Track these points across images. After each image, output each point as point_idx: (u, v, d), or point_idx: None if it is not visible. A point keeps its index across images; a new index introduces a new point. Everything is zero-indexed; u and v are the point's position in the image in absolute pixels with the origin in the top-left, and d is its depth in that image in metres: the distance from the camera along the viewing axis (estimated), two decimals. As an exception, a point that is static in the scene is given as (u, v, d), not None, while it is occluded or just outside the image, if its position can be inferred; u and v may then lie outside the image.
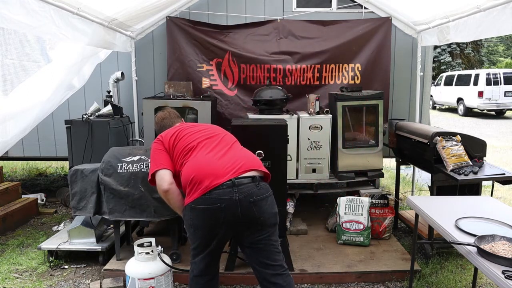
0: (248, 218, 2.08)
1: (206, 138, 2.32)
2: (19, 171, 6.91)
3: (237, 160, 2.17)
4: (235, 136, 2.51)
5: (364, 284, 3.13)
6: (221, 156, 2.20)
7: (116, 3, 3.48)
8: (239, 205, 2.04)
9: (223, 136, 2.38)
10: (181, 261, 3.27)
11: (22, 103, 3.27)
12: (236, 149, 2.31)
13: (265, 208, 2.12)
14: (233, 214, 2.05)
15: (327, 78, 4.66)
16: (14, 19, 2.47)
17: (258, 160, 2.29)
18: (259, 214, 2.10)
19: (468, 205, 2.55)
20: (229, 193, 2.03)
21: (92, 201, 3.13)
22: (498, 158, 7.65)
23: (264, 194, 2.13)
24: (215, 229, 2.10)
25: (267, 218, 2.14)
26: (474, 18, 3.42)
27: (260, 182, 2.15)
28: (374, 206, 3.74)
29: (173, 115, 2.71)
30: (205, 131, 2.40)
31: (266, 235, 2.15)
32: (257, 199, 2.09)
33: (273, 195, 2.21)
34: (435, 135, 3.33)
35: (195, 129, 2.42)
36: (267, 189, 2.18)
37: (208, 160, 2.16)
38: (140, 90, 4.65)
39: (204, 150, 2.23)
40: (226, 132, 2.48)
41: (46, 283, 3.16)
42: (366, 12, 4.67)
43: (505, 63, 24.58)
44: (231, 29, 4.59)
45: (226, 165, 2.13)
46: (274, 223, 2.19)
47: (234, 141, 2.39)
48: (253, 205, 2.07)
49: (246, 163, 2.17)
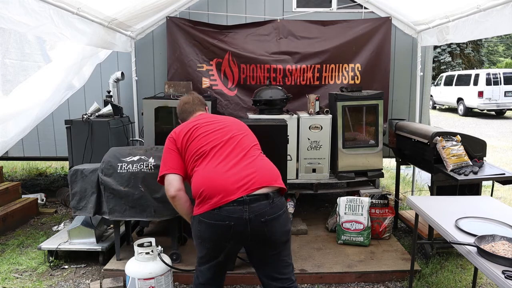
0: (258, 237, 1.99)
1: (220, 142, 2.13)
2: (19, 171, 6.91)
3: (251, 174, 2.00)
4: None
5: (364, 284, 3.13)
6: (233, 166, 2.03)
7: (116, 3, 3.48)
8: (249, 224, 1.93)
9: (240, 139, 2.17)
10: (181, 261, 3.27)
11: (22, 103, 3.27)
12: (251, 157, 2.10)
13: (276, 228, 2.00)
14: (242, 232, 1.95)
15: (327, 78, 4.66)
16: (13, 19, 2.47)
17: (274, 172, 2.10)
18: (270, 234, 1.99)
19: (468, 205, 2.55)
20: (240, 211, 1.91)
21: (92, 201, 3.13)
22: (498, 158, 7.65)
23: (277, 212, 1.99)
24: (223, 243, 2.01)
25: (278, 237, 2.03)
26: (474, 18, 3.42)
27: (275, 198, 1.99)
28: (374, 206, 3.74)
29: (196, 101, 2.52)
30: (222, 131, 2.20)
31: (277, 252, 2.06)
32: (269, 218, 1.95)
33: (287, 211, 2.09)
34: (435, 135, 3.33)
35: (212, 128, 2.22)
36: (281, 206, 2.03)
37: (219, 173, 2.01)
38: (140, 90, 4.65)
39: (216, 159, 2.07)
40: (245, 131, 2.28)
41: (46, 283, 3.16)
42: (366, 12, 4.67)
43: (505, 63, 24.57)
44: (231, 29, 4.59)
45: (238, 179, 1.97)
46: (286, 240, 2.08)
47: (251, 145, 2.19)
48: (265, 225, 1.95)
49: (260, 178, 2.00)
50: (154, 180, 3.03)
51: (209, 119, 2.34)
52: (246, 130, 2.30)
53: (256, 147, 2.21)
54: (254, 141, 2.24)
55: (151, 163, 3.05)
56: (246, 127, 2.34)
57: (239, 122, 2.37)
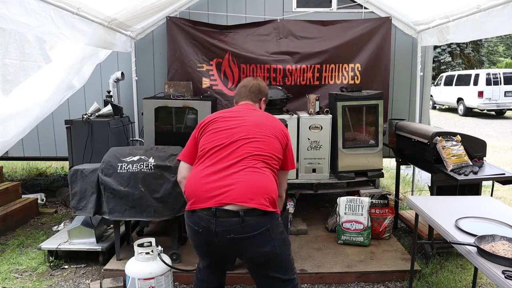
0: (228, 252, 1.94)
1: (221, 144, 2.00)
2: (19, 171, 6.91)
3: (228, 185, 1.85)
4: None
5: (364, 284, 3.13)
6: (216, 172, 1.91)
7: (116, 3, 3.48)
8: (216, 237, 1.84)
9: (242, 145, 1.97)
10: (181, 261, 3.27)
11: (22, 103, 3.27)
12: (239, 167, 1.91)
13: (249, 248, 1.86)
14: (210, 241, 1.88)
15: (327, 78, 4.66)
16: (13, 19, 2.47)
17: (256, 191, 1.85)
18: (242, 252, 1.91)
19: (468, 205, 2.55)
20: (207, 221, 1.83)
21: (92, 201, 3.13)
22: (498, 158, 7.65)
23: (249, 233, 1.81)
24: (200, 245, 1.99)
25: (255, 258, 1.90)
26: (474, 18, 3.42)
27: (246, 218, 1.79)
28: (374, 206, 3.74)
29: (253, 89, 2.31)
30: (230, 131, 2.03)
31: (261, 270, 1.94)
32: (237, 237, 1.81)
33: (269, 231, 1.85)
34: (435, 135, 3.33)
35: (224, 125, 2.08)
36: (256, 226, 1.82)
37: (201, 177, 1.93)
38: (140, 90, 4.65)
39: (208, 161, 1.98)
40: (259, 136, 2.01)
41: (46, 283, 3.16)
42: (366, 12, 4.66)
43: (505, 63, 24.58)
44: (231, 29, 4.59)
45: (213, 188, 1.86)
46: (267, 261, 1.90)
47: (250, 154, 1.94)
48: (233, 242, 1.83)
49: (234, 193, 1.82)
50: (154, 180, 3.04)
51: (235, 113, 2.17)
52: (260, 136, 2.02)
53: (256, 158, 1.94)
54: (259, 149, 1.97)
55: (151, 163, 3.05)
56: (269, 131, 2.05)
57: (263, 124, 2.08)
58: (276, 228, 1.90)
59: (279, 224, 1.93)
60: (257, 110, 2.27)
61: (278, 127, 2.12)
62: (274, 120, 2.17)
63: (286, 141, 2.12)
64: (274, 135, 2.06)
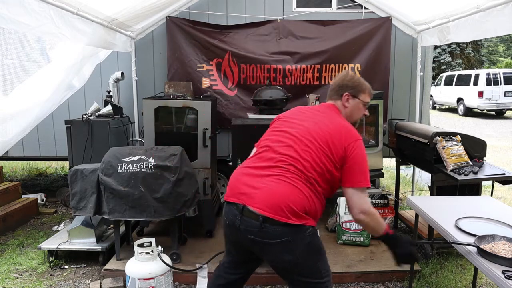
0: (249, 250, 1.93)
1: (268, 146, 1.96)
2: (19, 171, 6.91)
3: (256, 188, 1.84)
4: (235, 136, 2.37)
5: (364, 284, 3.13)
6: (252, 173, 1.92)
7: (116, 3, 3.48)
8: (239, 233, 1.86)
9: (285, 153, 1.89)
10: (181, 261, 3.27)
11: (22, 103, 3.27)
12: (271, 173, 1.86)
13: (268, 252, 1.85)
14: (235, 235, 1.91)
15: (327, 78, 4.66)
16: (13, 19, 2.47)
17: (280, 202, 1.77)
18: (262, 255, 1.90)
19: (468, 205, 2.55)
20: (234, 216, 1.86)
21: (92, 201, 3.13)
22: (498, 158, 7.65)
23: (268, 239, 1.79)
24: (227, 237, 2.03)
25: (273, 261, 1.89)
26: (474, 18, 3.42)
27: (267, 225, 1.76)
28: (374, 206, 3.70)
29: (333, 86, 2.14)
30: (284, 135, 1.97)
31: (281, 273, 1.94)
32: (257, 240, 1.81)
33: (289, 242, 1.78)
34: (435, 135, 3.33)
35: (283, 128, 2.01)
36: (276, 235, 1.77)
37: (240, 174, 1.96)
38: (140, 90, 4.65)
39: (252, 159, 2.00)
40: (303, 149, 1.88)
41: (46, 283, 3.16)
42: (366, 12, 4.66)
43: (505, 63, 24.58)
44: (231, 29, 4.59)
45: (244, 187, 1.88)
46: (286, 267, 1.86)
47: (286, 163, 1.86)
48: (254, 243, 1.83)
49: (257, 197, 1.81)
50: (154, 180, 3.04)
51: (302, 116, 2.05)
52: (308, 147, 1.88)
53: (292, 169, 1.84)
54: (300, 161, 1.85)
55: (151, 163, 3.05)
56: (323, 142, 1.88)
57: (319, 134, 1.90)
58: (300, 240, 1.81)
59: (306, 236, 1.82)
60: (326, 116, 2.03)
61: (339, 142, 1.90)
62: (337, 133, 1.92)
63: (343, 154, 1.88)
64: (327, 148, 1.88)
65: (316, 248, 1.92)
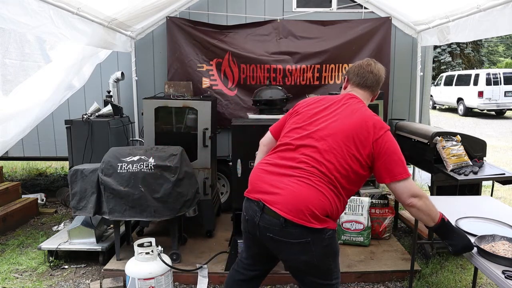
0: (267, 248, 1.91)
1: (291, 145, 1.93)
2: (19, 171, 6.91)
3: (279, 188, 1.82)
4: (235, 136, 2.35)
5: (364, 284, 3.13)
6: (275, 171, 1.90)
7: (116, 3, 3.48)
8: (258, 230, 1.86)
9: (309, 153, 1.85)
10: (181, 261, 3.27)
11: (22, 103, 3.27)
12: (294, 174, 1.83)
13: (286, 252, 1.84)
14: (254, 232, 1.90)
15: (327, 78, 4.66)
16: (13, 19, 2.47)
17: (302, 205, 1.75)
18: (278, 253, 1.89)
19: (468, 205, 2.55)
20: (254, 212, 1.86)
21: (92, 201, 3.13)
22: (498, 158, 7.65)
23: (287, 239, 1.78)
24: (245, 233, 2.02)
25: (289, 260, 1.88)
26: (474, 18, 3.43)
27: (288, 225, 1.75)
28: (374, 206, 3.74)
29: (380, 80, 2.11)
30: (308, 132, 1.92)
31: (294, 272, 1.94)
32: (276, 238, 1.80)
33: (308, 244, 1.77)
34: (435, 135, 3.33)
35: (307, 122, 1.96)
36: (297, 236, 1.76)
37: (262, 170, 1.95)
38: (140, 90, 4.65)
39: (275, 156, 1.97)
40: (328, 149, 1.83)
41: (46, 283, 3.16)
42: (366, 12, 4.66)
43: (505, 63, 24.58)
44: (231, 29, 4.59)
45: (267, 185, 1.86)
46: (301, 267, 1.86)
47: (309, 165, 1.82)
48: (272, 241, 1.83)
49: (279, 199, 1.78)
50: (154, 180, 3.04)
51: (322, 111, 1.97)
52: (334, 146, 1.83)
53: (315, 171, 1.81)
54: (323, 163, 1.82)
55: (151, 163, 3.05)
56: (350, 141, 1.82)
57: (347, 131, 1.84)
58: (319, 242, 1.80)
59: (325, 239, 1.80)
60: (359, 108, 1.95)
61: (366, 137, 1.83)
62: (364, 127, 1.84)
63: (373, 151, 1.81)
64: (353, 147, 1.82)
65: (333, 251, 1.90)
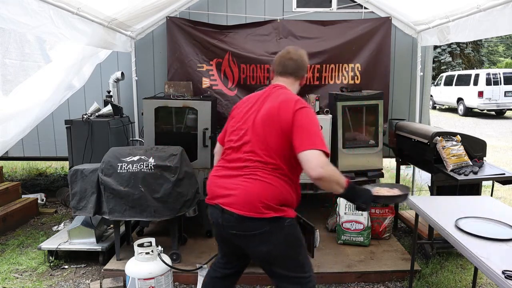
0: (235, 244, 2.04)
1: (232, 147, 2.06)
2: (19, 171, 6.91)
3: (231, 189, 1.94)
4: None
5: (364, 284, 3.13)
6: (224, 174, 2.03)
7: (116, 3, 3.48)
8: (223, 230, 1.99)
9: (247, 151, 1.98)
10: (181, 261, 3.27)
11: (22, 103, 3.27)
12: (242, 173, 1.95)
13: (250, 245, 1.96)
14: (221, 233, 2.05)
15: (327, 78, 4.66)
16: (13, 19, 2.47)
17: (255, 200, 1.86)
18: (244, 247, 2.00)
19: (468, 205, 2.54)
20: (217, 215, 1.98)
21: (92, 201, 3.13)
22: (498, 158, 7.65)
23: (248, 231, 1.90)
24: (216, 236, 2.19)
25: (256, 254, 2.00)
26: (474, 18, 3.42)
27: (246, 219, 1.86)
28: (374, 206, 3.74)
29: (302, 65, 2.22)
30: (242, 132, 2.04)
31: (264, 266, 2.04)
32: (239, 234, 1.93)
33: (267, 233, 1.87)
34: (435, 135, 3.33)
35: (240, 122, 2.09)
36: (255, 227, 1.88)
37: (215, 177, 2.08)
38: (140, 90, 4.65)
39: (222, 161, 2.10)
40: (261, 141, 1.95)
41: (46, 283, 3.16)
42: (366, 12, 4.66)
43: (505, 63, 24.57)
44: (231, 29, 4.59)
45: (221, 189, 1.99)
46: (267, 258, 1.97)
47: (252, 161, 1.95)
48: (236, 237, 1.96)
49: (234, 199, 1.90)
50: (154, 180, 3.04)
51: (248, 107, 2.10)
52: (265, 136, 1.95)
53: (258, 165, 1.93)
54: (261, 154, 1.94)
55: (151, 163, 3.05)
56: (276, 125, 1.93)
57: (271, 117, 1.96)
58: (279, 231, 1.90)
59: (285, 227, 1.91)
60: (281, 93, 2.07)
61: (286, 114, 1.93)
62: (284, 105, 1.96)
63: (292, 126, 1.90)
64: (280, 129, 1.92)
65: (296, 240, 1.99)
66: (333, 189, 1.89)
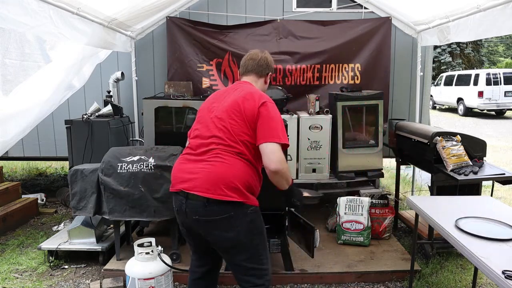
0: (197, 233, 2.04)
1: (197, 135, 2.11)
2: (19, 171, 6.91)
3: (195, 173, 1.96)
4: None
5: (364, 284, 3.13)
6: (189, 159, 2.06)
7: (116, 3, 3.48)
8: (186, 216, 2.00)
9: (211, 135, 2.03)
10: (181, 261, 3.27)
11: (22, 103, 3.27)
12: (206, 157, 1.99)
13: (212, 231, 1.97)
14: (183, 221, 2.07)
15: (327, 78, 4.66)
16: (13, 19, 2.47)
17: (220, 182, 1.91)
18: (205, 234, 2.01)
19: (468, 205, 2.54)
20: (180, 201, 1.99)
21: (92, 201, 3.13)
22: (498, 158, 7.65)
23: (211, 216, 1.92)
24: (181, 226, 2.15)
25: (217, 241, 2.01)
26: (474, 18, 3.42)
27: (211, 203, 1.90)
28: (374, 206, 3.74)
29: (261, 63, 2.29)
30: (207, 120, 2.11)
31: (227, 256, 2.08)
32: (202, 219, 1.94)
33: (232, 218, 1.92)
34: (435, 135, 3.33)
35: (206, 111, 2.16)
36: (219, 212, 1.91)
37: (179, 163, 2.10)
38: (140, 90, 4.65)
39: (187, 149, 2.14)
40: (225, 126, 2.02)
41: (46, 283, 3.16)
42: (366, 12, 4.66)
43: (505, 63, 24.58)
44: (231, 29, 4.59)
45: (185, 174, 2.00)
46: (228, 246, 2.01)
47: (216, 144, 2.00)
48: (197, 223, 1.97)
49: (198, 182, 1.93)
50: (154, 180, 3.04)
51: (219, 97, 2.19)
52: (230, 121, 2.01)
53: (222, 148, 1.98)
54: (225, 139, 1.99)
55: (151, 163, 3.05)
56: (240, 114, 2.02)
57: (236, 107, 2.04)
58: (242, 217, 1.96)
59: (248, 213, 1.97)
60: (245, 87, 2.17)
61: (252, 105, 2.02)
62: (249, 97, 2.06)
63: (256, 118, 2.00)
64: (244, 120, 2.01)
65: (258, 229, 2.05)
66: (282, 184, 2.03)
